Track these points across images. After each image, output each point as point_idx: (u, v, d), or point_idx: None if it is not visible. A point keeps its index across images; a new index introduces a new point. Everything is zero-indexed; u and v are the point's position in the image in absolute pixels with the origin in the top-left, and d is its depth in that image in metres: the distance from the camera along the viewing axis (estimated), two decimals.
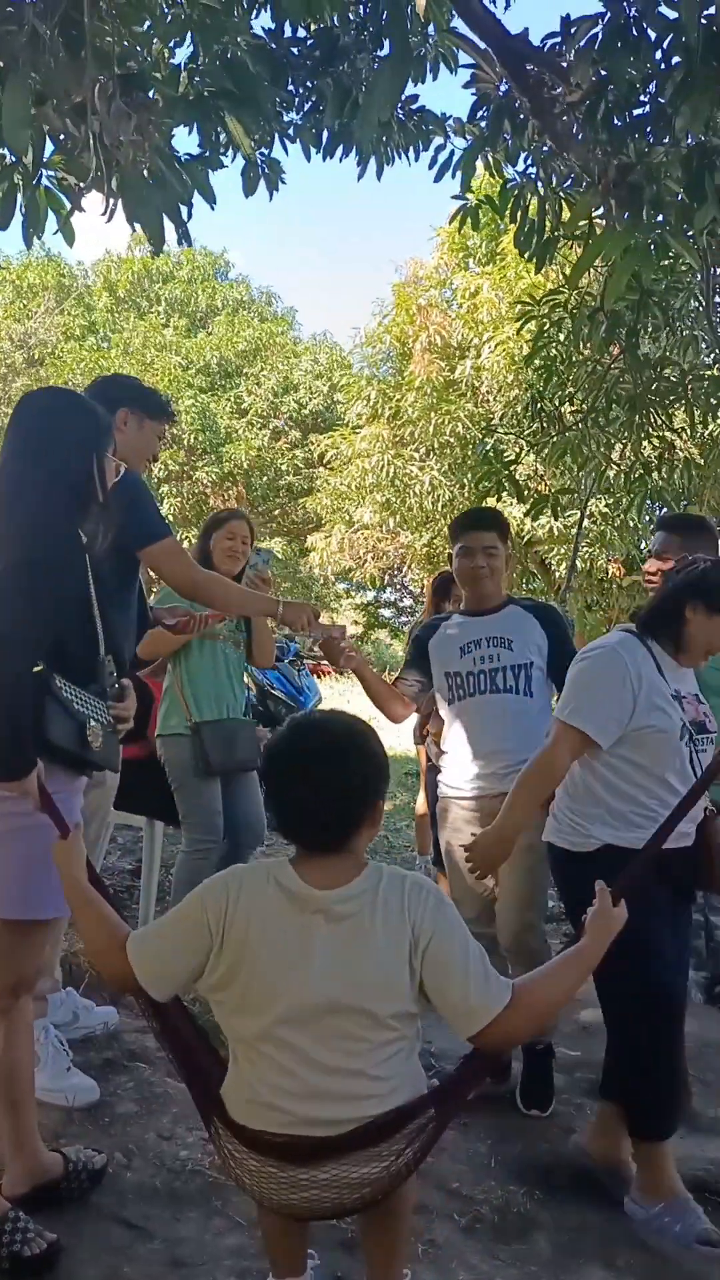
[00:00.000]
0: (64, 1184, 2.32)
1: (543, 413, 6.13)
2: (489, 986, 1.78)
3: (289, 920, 1.79)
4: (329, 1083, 1.75)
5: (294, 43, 4.23)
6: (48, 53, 2.57)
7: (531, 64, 3.58)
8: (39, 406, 2.32)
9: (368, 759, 1.85)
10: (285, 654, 6.97)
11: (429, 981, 1.78)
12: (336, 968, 1.75)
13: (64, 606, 2.15)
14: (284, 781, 1.85)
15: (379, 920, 1.78)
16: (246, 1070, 1.82)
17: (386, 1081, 1.78)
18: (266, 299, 25.83)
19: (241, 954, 1.78)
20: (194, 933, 1.81)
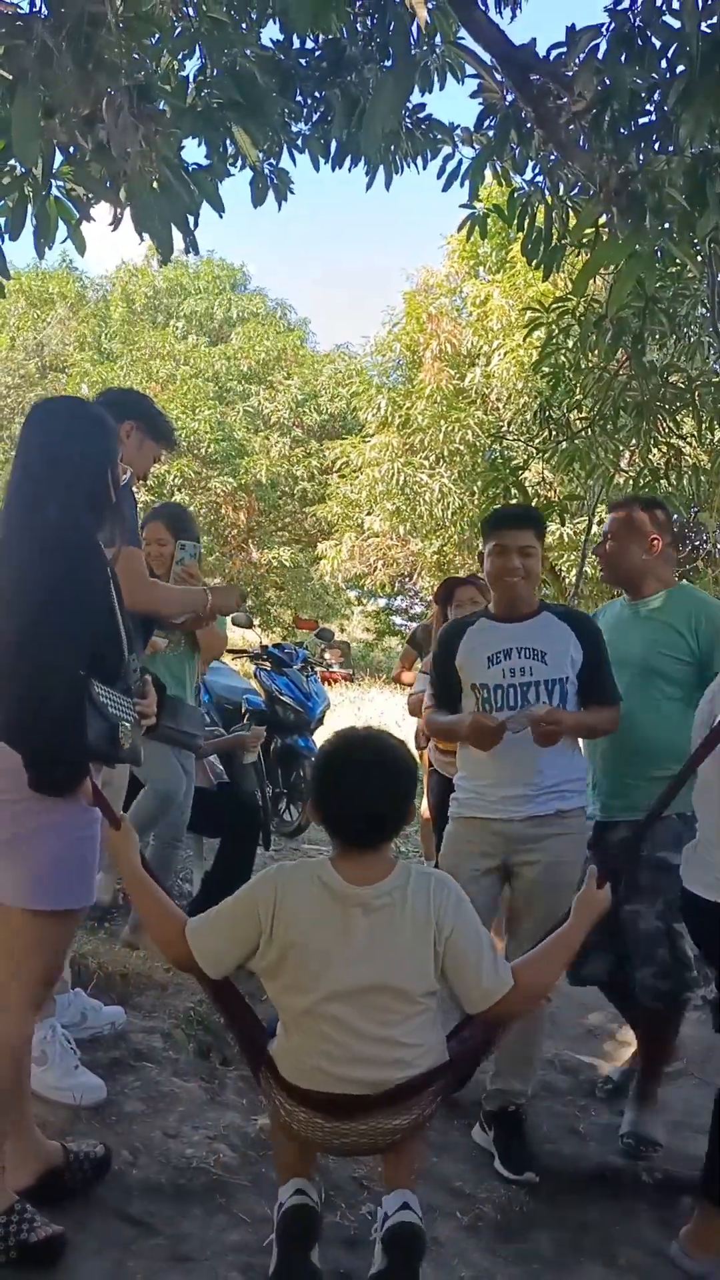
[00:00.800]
0: (67, 1173, 2.35)
1: (551, 420, 6.15)
2: (498, 972, 2.10)
3: (331, 912, 2.08)
4: (368, 1049, 2.06)
5: (301, 54, 4.27)
6: (56, 66, 2.61)
7: (536, 74, 3.61)
8: (50, 415, 2.35)
9: (409, 769, 2.19)
10: (294, 660, 7.00)
11: (448, 965, 2.09)
12: (374, 953, 2.05)
13: (99, 614, 2.19)
14: (337, 790, 2.15)
15: (409, 912, 2.08)
16: (297, 1039, 2.12)
17: (416, 1048, 2.09)
18: (281, 310, 25.93)
19: (290, 942, 2.07)
20: (246, 923, 2.10)
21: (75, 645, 2.11)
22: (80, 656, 2.11)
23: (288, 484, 21.49)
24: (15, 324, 24.09)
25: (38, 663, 2.07)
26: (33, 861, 2.15)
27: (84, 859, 2.21)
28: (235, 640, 15.35)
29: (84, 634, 2.14)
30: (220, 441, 20.79)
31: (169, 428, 3.37)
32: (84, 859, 2.21)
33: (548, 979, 2.20)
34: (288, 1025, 2.14)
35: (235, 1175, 2.55)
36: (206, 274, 25.11)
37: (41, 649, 2.08)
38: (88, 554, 2.20)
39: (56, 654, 2.08)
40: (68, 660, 2.09)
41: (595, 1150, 3.00)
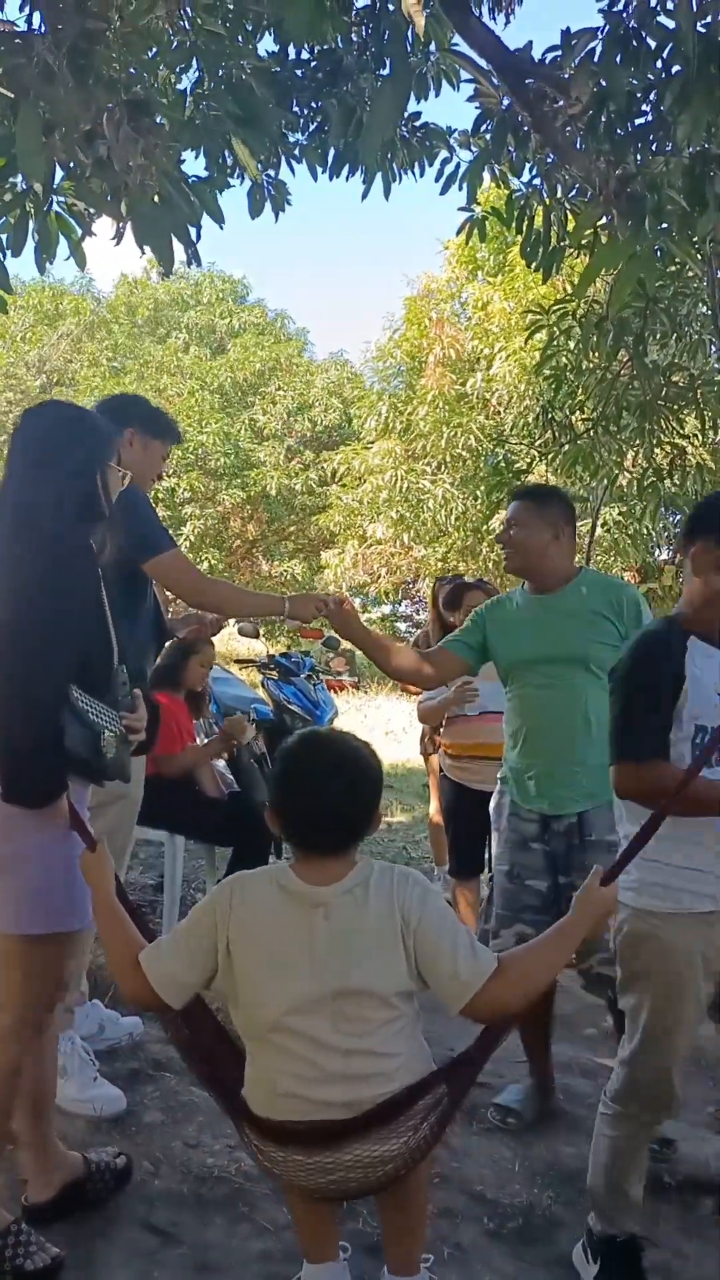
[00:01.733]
0: (89, 1184, 2.35)
1: (553, 422, 6.17)
2: (476, 959, 1.91)
3: (290, 917, 1.92)
4: (340, 1064, 1.88)
5: (298, 64, 4.30)
6: (57, 83, 2.63)
7: (532, 78, 3.63)
8: (42, 421, 2.32)
9: (369, 777, 2.02)
10: (301, 669, 7.00)
11: (422, 959, 1.91)
12: (338, 955, 1.89)
13: (85, 622, 2.17)
14: (295, 793, 2.00)
15: (371, 908, 1.92)
16: (262, 1064, 1.94)
17: (394, 1058, 1.91)
18: (279, 320, 26.02)
19: (246, 950, 1.91)
20: (202, 937, 1.94)
21: (56, 653, 2.08)
22: (61, 664, 2.08)
23: (287, 495, 21.54)
24: (21, 338, 24.17)
25: (16, 669, 2.04)
26: (21, 884, 2.13)
27: (75, 880, 2.16)
28: (241, 650, 15.38)
29: (67, 641, 2.11)
30: (228, 454, 20.85)
31: (169, 421, 3.34)
32: (75, 880, 2.16)
33: (540, 972, 1.99)
34: (254, 1052, 1.97)
35: (257, 1184, 2.55)
36: (207, 287, 25.21)
37: (20, 655, 2.05)
38: (75, 560, 2.18)
39: (36, 661, 2.05)
40: (48, 668, 2.06)
41: None
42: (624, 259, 3.34)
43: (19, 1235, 2.11)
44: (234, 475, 21.13)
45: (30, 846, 2.12)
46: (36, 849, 2.12)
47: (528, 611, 3.18)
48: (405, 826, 7.52)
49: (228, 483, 21.00)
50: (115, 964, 2.03)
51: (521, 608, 3.21)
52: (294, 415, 22.10)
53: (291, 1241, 2.29)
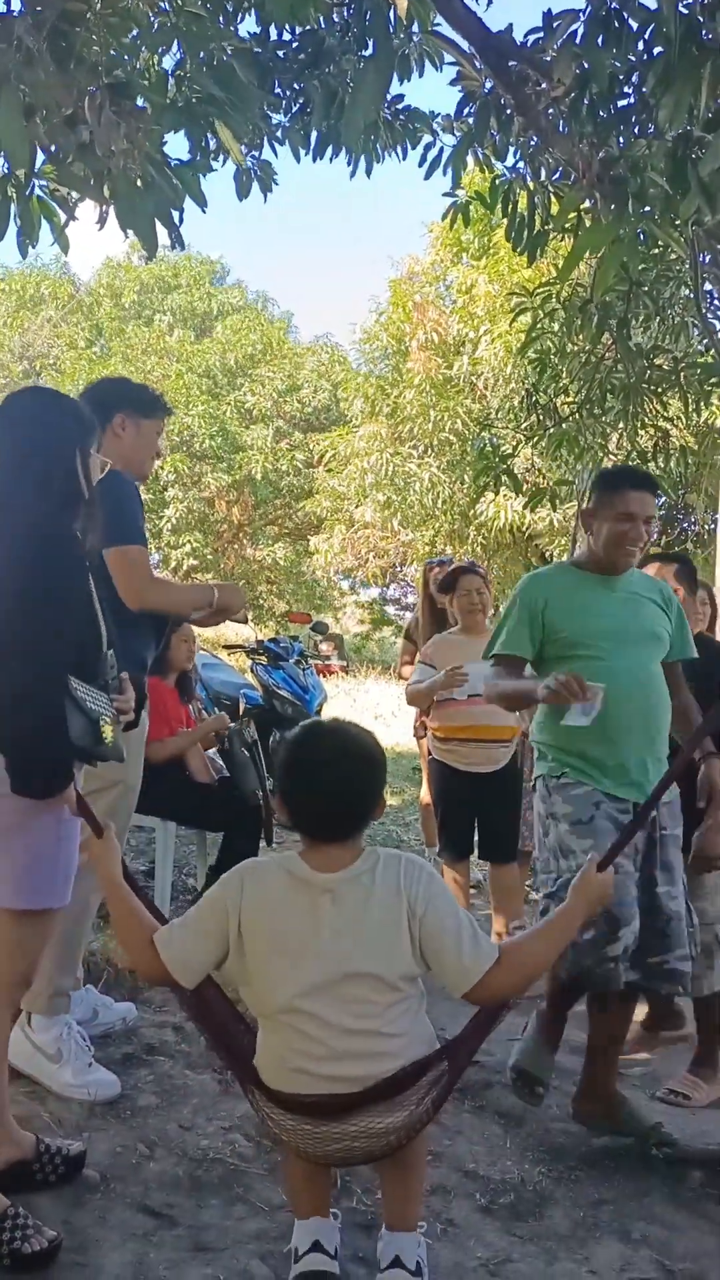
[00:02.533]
0: (36, 1164, 2.35)
1: (538, 405, 6.16)
2: (479, 947, 2.00)
3: (298, 903, 2.00)
4: (348, 1043, 1.96)
5: (280, 46, 4.27)
6: (37, 66, 2.61)
7: (514, 61, 3.62)
8: (20, 408, 2.32)
9: (373, 762, 2.09)
10: (289, 654, 7.01)
11: (426, 946, 2.00)
12: (345, 940, 1.97)
13: (78, 610, 2.18)
14: (301, 784, 2.07)
15: (377, 895, 2.00)
16: (273, 1041, 2.04)
17: (399, 1038, 2.00)
18: (262, 302, 25.91)
19: (257, 936, 1.99)
20: (215, 921, 2.03)
21: (54, 643, 2.10)
22: (60, 655, 2.10)
23: (275, 478, 21.49)
24: (4, 324, 24.01)
25: (16, 664, 2.05)
26: (10, 860, 2.15)
27: (60, 859, 2.20)
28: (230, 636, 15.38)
29: (63, 632, 2.12)
30: (214, 436, 20.77)
31: (154, 396, 3.29)
32: (60, 859, 2.20)
33: (539, 958, 2.09)
34: (265, 1029, 2.07)
35: (251, 1164, 2.57)
36: (186, 269, 25.08)
37: (19, 650, 2.05)
38: (62, 548, 2.18)
39: (35, 654, 2.06)
40: (47, 660, 2.07)
41: (607, 1127, 3.01)
42: (607, 242, 3.33)
43: (15, 1219, 2.12)
44: (220, 458, 21.07)
45: (18, 824, 2.14)
46: (23, 827, 2.14)
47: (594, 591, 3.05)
48: (395, 809, 7.54)
49: (213, 465, 20.93)
50: (128, 944, 2.13)
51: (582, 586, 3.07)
52: (283, 396, 22.03)
53: (286, 1221, 2.31)
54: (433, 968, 2.02)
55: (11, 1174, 2.29)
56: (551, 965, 2.27)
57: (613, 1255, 2.39)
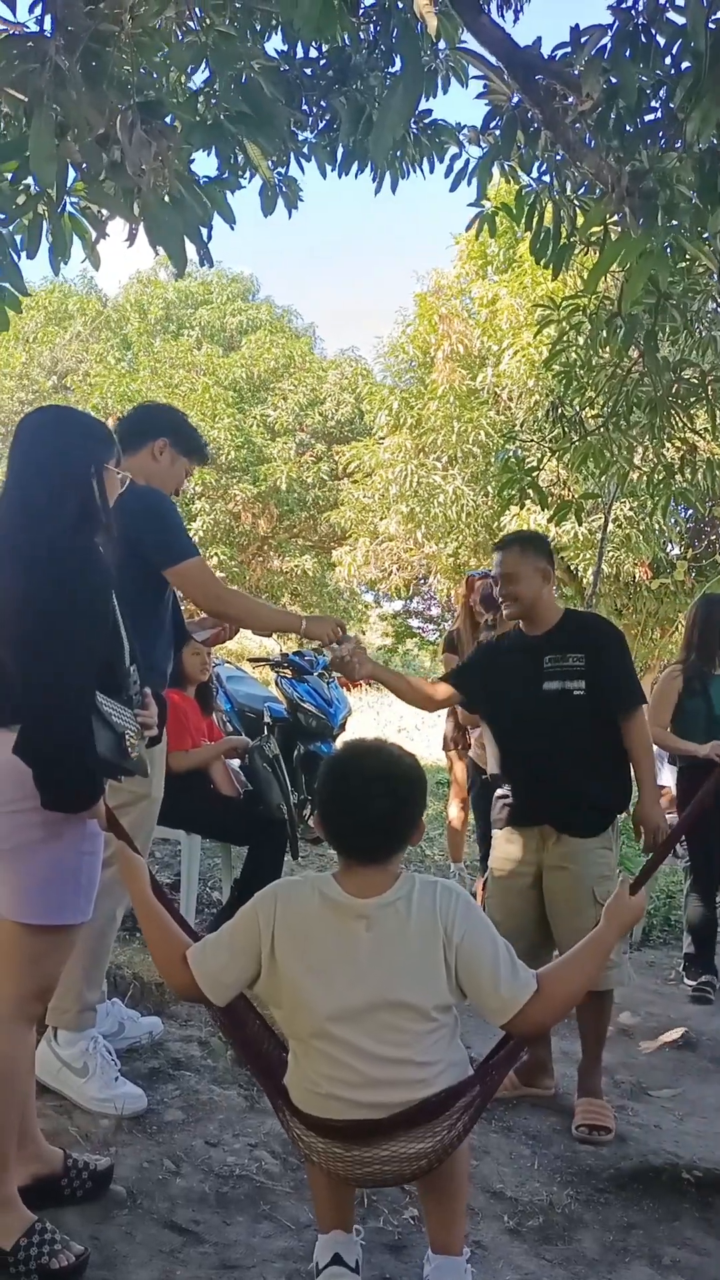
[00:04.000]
0: (64, 1179, 2.35)
1: (563, 418, 6.14)
2: (517, 979, 1.97)
3: (332, 927, 1.98)
4: (381, 1071, 1.94)
5: (307, 63, 4.30)
6: (70, 86, 2.63)
7: (542, 75, 3.62)
8: (35, 427, 2.33)
9: (413, 784, 2.07)
10: (314, 667, 7.00)
11: (463, 976, 1.97)
12: (379, 968, 1.95)
13: (103, 627, 2.18)
14: (340, 804, 2.05)
15: (413, 922, 1.97)
16: (305, 1065, 2.01)
17: (433, 1066, 1.97)
18: (285, 316, 26.03)
19: (290, 958, 1.97)
20: (247, 940, 2.01)
21: (82, 660, 2.10)
22: (88, 671, 2.10)
23: (299, 490, 21.54)
24: (33, 339, 24.19)
25: (45, 681, 2.05)
26: (30, 873, 2.15)
27: (82, 874, 2.20)
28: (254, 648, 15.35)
29: (90, 648, 2.12)
30: (240, 448, 20.85)
31: (201, 442, 3.35)
32: (82, 874, 2.20)
33: (576, 987, 2.07)
34: (297, 1052, 2.05)
35: (278, 1182, 2.56)
36: (217, 285, 25.24)
37: (47, 666, 2.05)
38: (86, 563, 2.18)
39: (64, 670, 2.06)
40: (75, 677, 2.07)
41: (635, 1150, 2.98)
42: (635, 255, 3.32)
43: (43, 1234, 2.12)
44: (245, 470, 21.13)
45: (41, 839, 2.14)
46: (46, 841, 2.14)
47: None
48: None
49: (239, 478, 21.00)
50: (160, 960, 2.13)
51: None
52: (306, 410, 22.10)
53: (313, 1240, 2.30)
54: (470, 998, 2.00)
55: (39, 1189, 2.29)
56: None
57: None
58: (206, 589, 3.03)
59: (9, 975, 2.18)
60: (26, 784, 2.05)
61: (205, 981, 2.01)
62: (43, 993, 2.25)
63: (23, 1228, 2.11)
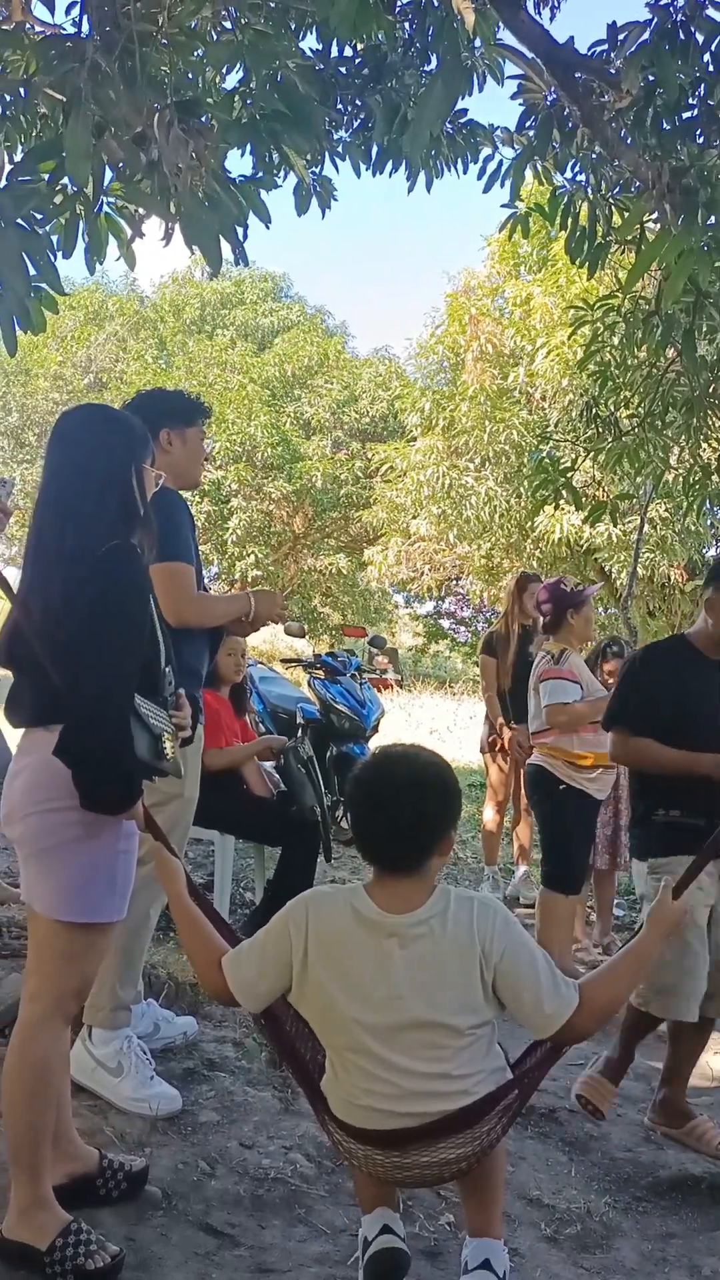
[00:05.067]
0: (99, 1179, 2.35)
1: (598, 418, 6.09)
2: (559, 993, 1.96)
3: (365, 943, 1.95)
4: (418, 1085, 1.93)
5: (342, 62, 4.28)
6: (107, 86, 2.64)
7: (580, 72, 3.59)
8: (72, 427, 2.32)
9: (444, 792, 2.04)
10: (347, 668, 6.99)
11: (504, 993, 1.96)
12: (414, 988, 1.92)
13: (143, 628, 2.17)
14: (367, 809, 2.03)
15: (449, 940, 1.94)
16: (342, 1076, 2.01)
17: (471, 1078, 1.95)
18: (318, 316, 26.06)
19: (322, 972, 1.96)
20: (278, 950, 2.00)
21: (123, 661, 2.09)
22: (127, 674, 2.09)
23: (333, 489, 21.56)
24: (70, 338, 24.34)
25: (85, 684, 2.04)
26: (66, 872, 2.15)
27: (118, 873, 2.20)
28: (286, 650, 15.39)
29: (129, 649, 2.11)
30: (275, 446, 20.90)
31: (190, 401, 3.27)
32: (118, 873, 2.20)
33: (619, 995, 2.07)
34: (333, 1062, 2.04)
35: (313, 1185, 2.55)
36: (250, 284, 25.33)
37: (87, 670, 2.04)
38: (125, 564, 2.16)
39: (103, 674, 2.05)
40: (114, 679, 2.07)
41: (673, 1158, 2.95)
42: (675, 254, 3.29)
43: (79, 1234, 2.12)
44: (280, 468, 21.18)
45: (77, 837, 2.14)
46: (83, 840, 2.15)
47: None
48: None
49: (274, 476, 21.05)
50: (196, 964, 2.14)
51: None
52: (342, 407, 22.10)
53: (349, 1245, 2.29)
54: (512, 1011, 1.98)
55: (75, 1189, 2.29)
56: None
57: None
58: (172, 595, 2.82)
59: (46, 973, 2.19)
60: (64, 784, 2.05)
61: (239, 989, 2.02)
62: (79, 991, 2.25)
63: (59, 1228, 2.11)
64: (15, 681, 2.23)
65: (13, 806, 2.20)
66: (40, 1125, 2.15)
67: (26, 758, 2.19)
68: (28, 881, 2.21)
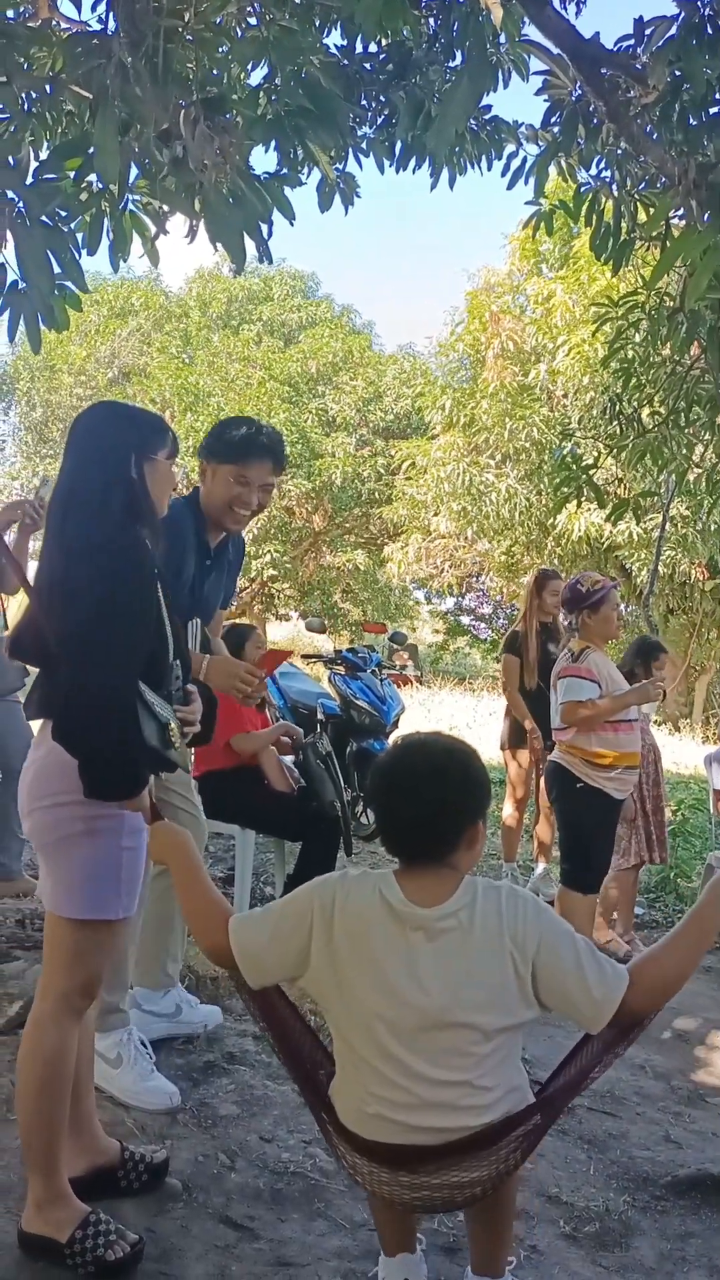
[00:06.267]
0: (120, 1171, 2.37)
1: (621, 415, 6.08)
2: (606, 976, 1.82)
3: (391, 934, 1.85)
4: (436, 1094, 1.81)
5: (366, 58, 4.28)
6: (134, 82, 2.64)
7: (606, 67, 3.58)
8: (88, 420, 2.35)
9: (467, 780, 1.93)
10: (368, 664, 7.00)
11: (545, 987, 1.83)
12: (441, 984, 1.81)
13: (147, 620, 2.18)
14: (388, 798, 1.94)
15: (478, 933, 1.83)
16: (354, 1080, 1.89)
17: (491, 1092, 1.83)
18: (345, 314, 26.02)
19: (347, 960, 1.85)
20: (297, 923, 1.89)
21: (129, 652, 2.11)
22: (131, 664, 2.11)
23: (354, 486, 21.55)
24: (94, 333, 24.41)
25: (93, 672, 2.05)
26: (69, 868, 2.17)
27: (122, 871, 2.20)
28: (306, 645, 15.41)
29: (133, 640, 2.13)
30: (295, 443, 20.91)
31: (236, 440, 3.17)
32: (122, 871, 2.20)
33: (678, 972, 1.87)
34: (345, 1064, 1.91)
35: (332, 1180, 2.55)
36: (279, 281, 25.32)
37: (96, 657, 2.05)
38: (130, 556, 2.18)
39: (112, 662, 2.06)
40: (122, 668, 2.08)
41: (693, 1157, 2.94)
42: (700, 250, 3.27)
43: (98, 1225, 2.13)
44: (299, 466, 21.18)
45: (80, 833, 2.16)
46: (86, 835, 2.16)
47: None
48: None
49: (292, 474, 21.07)
50: (197, 921, 2.00)
51: None
52: (368, 404, 22.07)
53: (368, 1239, 2.29)
54: (558, 1008, 1.86)
55: (96, 1180, 2.31)
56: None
57: None
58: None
59: (55, 969, 2.21)
60: (70, 777, 2.07)
61: (242, 953, 1.90)
62: (87, 987, 2.25)
63: (77, 1220, 2.13)
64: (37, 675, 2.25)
65: (23, 800, 2.23)
66: (53, 1120, 2.17)
67: (37, 751, 2.22)
68: (41, 877, 2.23)
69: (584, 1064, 1.95)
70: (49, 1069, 2.16)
